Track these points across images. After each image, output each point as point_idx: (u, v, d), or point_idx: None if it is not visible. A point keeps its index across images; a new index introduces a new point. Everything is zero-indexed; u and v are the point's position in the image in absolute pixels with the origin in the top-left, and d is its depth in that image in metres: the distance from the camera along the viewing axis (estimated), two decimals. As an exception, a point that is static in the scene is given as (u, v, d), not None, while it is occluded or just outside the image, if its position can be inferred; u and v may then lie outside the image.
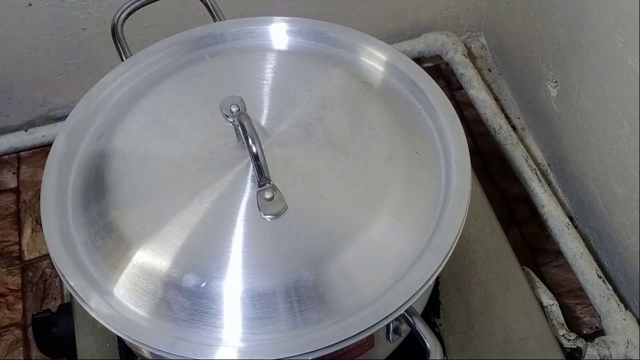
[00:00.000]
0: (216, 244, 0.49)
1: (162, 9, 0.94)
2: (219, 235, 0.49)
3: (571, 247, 0.88)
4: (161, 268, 0.48)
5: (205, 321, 0.47)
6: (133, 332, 0.47)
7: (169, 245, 0.49)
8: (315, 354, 0.45)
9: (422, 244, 0.50)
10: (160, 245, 0.49)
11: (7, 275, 0.91)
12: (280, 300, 0.47)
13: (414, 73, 0.59)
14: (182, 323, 0.47)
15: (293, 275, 0.47)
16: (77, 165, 0.55)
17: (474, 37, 1.18)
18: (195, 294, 0.47)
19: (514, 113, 1.07)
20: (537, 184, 0.94)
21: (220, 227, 0.49)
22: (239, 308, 0.47)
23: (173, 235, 0.49)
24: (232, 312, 0.47)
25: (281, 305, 0.47)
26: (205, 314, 0.47)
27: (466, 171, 0.52)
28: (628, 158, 0.78)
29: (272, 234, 0.49)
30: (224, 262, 0.48)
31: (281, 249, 0.48)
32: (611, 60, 0.77)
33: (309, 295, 0.47)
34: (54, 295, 0.90)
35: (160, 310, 0.48)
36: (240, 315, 0.47)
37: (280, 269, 0.47)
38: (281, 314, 0.47)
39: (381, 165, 0.53)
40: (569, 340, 0.78)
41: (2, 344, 0.85)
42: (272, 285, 0.47)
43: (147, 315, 0.48)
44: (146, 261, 0.49)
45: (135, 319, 0.48)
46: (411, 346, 0.53)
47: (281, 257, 0.48)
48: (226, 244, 0.48)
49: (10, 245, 0.94)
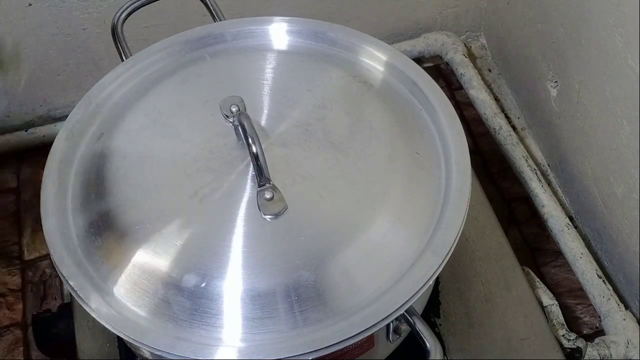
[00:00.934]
0: (216, 243, 0.49)
1: (162, 9, 0.93)
2: (219, 235, 0.49)
3: (571, 247, 0.88)
4: (161, 268, 0.48)
5: (205, 321, 0.47)
6: (133, 332, 0.47)
7: (169, 245, 0.49)
8: (315, 354, 0.45)
9: (422, 244, 0.50)
10: (160, 245, 0.49)
11: (7, 275, 0.91)
12: (280, 300, 0.47)
13: (414, 73, 0.59)
14: (182, 323, 0.47)
15: (293, 275, 0.47)
16: (77, 165, 0.55)
17: (474, 37, 1.18)
18: (195, 293, 0.47)
19: (514, 113, 1.07)
20: (537, 184, 0.94)
21: (220, 227, 0.49)
22: (239, 308, 0.47)
23: (173, 235, 0.49)
24: (232, 312, 0.47)
25: (281, 305, 0.47)
26: (205, 314, 0.47)
27: (466, 171, 0.53)
28: (628, 158, 0.78)
29: (272, 234, 0.49)
30: (224, 262, 0.48)
31: (281, 249, 0.48)
32: (611, 60, 0.77)
33: (308, 295, 0.47)
34: (54, 295, 0.90)
35: (160, 310, 0.48)
36: (240, 315, 0.47)
37: (280, 269, 0.47)
38: (281, 314, 0.47)
39: (381, 165, 0.53)
40: (569, 340, 0.78)
41: (2, 344, 0.85)
42: (272, 285, 0.47)
43: (147, 315, 0.48)
44: (146, 261, 0.49)
45: (135, 318, 0.48)
46: (411, 346, 0.53)
47: (281, 257, 0.48)
48: (226, 244, 0.48)
49: (10, 245, 0.94)
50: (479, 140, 1.05)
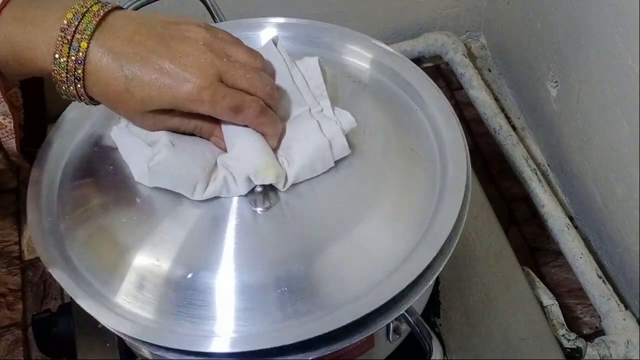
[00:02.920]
0: (207, 237, 0.49)
1: (162, 9, 0.93)
2: (210, 228, 0.49)
3: (571, 247, 0.88)
4: (154, 263, 0.48)
5: (196, 313, 0.47)
6: (133, 331, 0.47)
7: (161, 240, 0.49)
8: (310, 353, 0.45)
9: (416, 238, 0.49)
10: (153, 242, 0.49)
11: (7, 275, 0.91)
12: (270, 292, 0.47)
13: (410, 72, 0.58)
14: (172, 316, 0.47)
15: (283, 267, 0.47)
16: (68, 162, 0.55)
17: (474, 37, 1.18)
18: (186, 286, 0.47)
19: (514, 113, 1.07)
20: (537, 184, 0.94)
21: (212, 221, 0.49)
22: (232, 301, 0.47)
23: (165, 230, 0.49)
24: (225, 304, 0.47)
25: (272, 297, 0.47)
26: (196, 306, 0.47)
27: (462, 168, 0.52)
28: (628, 158, 0.78)
29: (263, 227, 0.49)
30: (215, 255, 0.48)
31: (272, 242, 0.48)
32: (611, 60, 0.77)
33: (299, 287, 0.47)
34: (54, 295, 0.90)
35: (155, 305, 0.48)
36: (232, 308, 0.47)
37: (271, 260, 0.47)
38: (272, 305, 0.46)
39: (375, 162, 0.52)
40: (569, 340, 0.78)
41: (2, 344, 0.85)
42: (263, 278, 0.47)
43: (144, 312, 0.48)
44: (141, 258, 0.49)
45: (134, 318, 0.47)
46: (411, 346, 0.53)
47: (272, 249, 0.48)
48: (218, 237, 0.48)
49: (10, 245, 0.94)
50: (479, 140, 1.05)
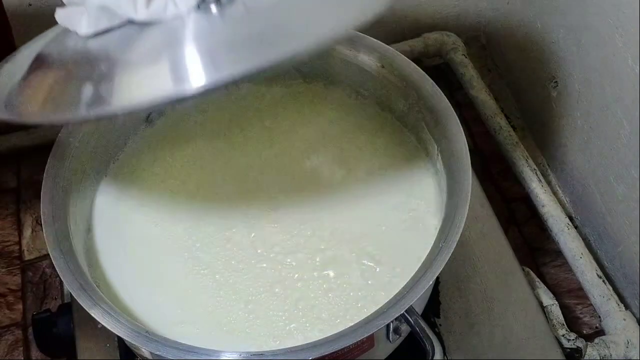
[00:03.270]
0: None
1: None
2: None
3: (571, 247, 0.88)
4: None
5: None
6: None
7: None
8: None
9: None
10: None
11: (7, 275, 0.91)
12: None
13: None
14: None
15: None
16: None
17: (474, 37, 1.18)
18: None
19: (514, 113, 1.07)
20: (537, 184, 0.94)
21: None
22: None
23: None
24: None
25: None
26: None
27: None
28: (628, 158, 0.78)
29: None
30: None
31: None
32: (611, 60, 0.77)
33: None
34: (54, 295, 0.90)
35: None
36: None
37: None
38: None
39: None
40: (569, 340, 0.78)
41: (2, 344, 0.85)
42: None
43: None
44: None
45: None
46: (411, 346, 0.53)
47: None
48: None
49: (10, 245, 0.94)
50: (479, 140, 1.05)
